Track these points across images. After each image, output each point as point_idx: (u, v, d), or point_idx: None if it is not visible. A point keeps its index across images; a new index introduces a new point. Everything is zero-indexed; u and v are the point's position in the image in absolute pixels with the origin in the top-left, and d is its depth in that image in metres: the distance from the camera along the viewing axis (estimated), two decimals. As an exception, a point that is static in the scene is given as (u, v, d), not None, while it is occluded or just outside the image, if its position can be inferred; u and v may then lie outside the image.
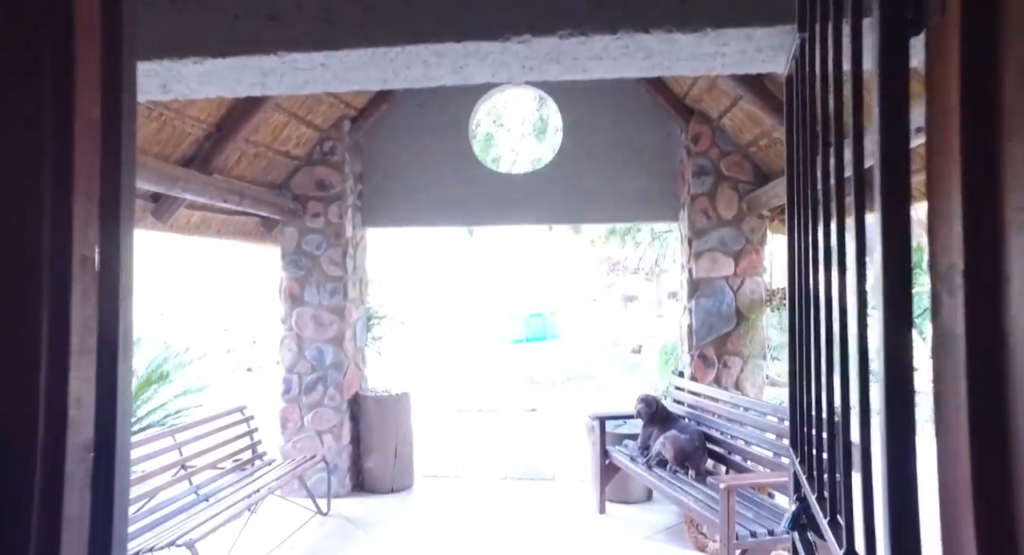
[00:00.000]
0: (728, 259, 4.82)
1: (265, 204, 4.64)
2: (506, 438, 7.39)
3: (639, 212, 5.40)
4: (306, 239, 5.25)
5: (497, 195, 5.49)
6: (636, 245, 16.64)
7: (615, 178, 5.35)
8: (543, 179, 5.49)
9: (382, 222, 5.72)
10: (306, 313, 5.22)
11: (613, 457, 4.67)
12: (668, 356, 8.84)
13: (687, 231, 4.95)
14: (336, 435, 5.15)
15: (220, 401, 9.42)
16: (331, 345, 5.19)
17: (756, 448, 3.87)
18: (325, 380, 5.18)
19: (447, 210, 5.56)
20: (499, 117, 12.32)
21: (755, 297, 4.78)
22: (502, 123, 12.24)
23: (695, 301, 4.86)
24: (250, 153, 4.46)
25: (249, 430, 4.75)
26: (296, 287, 5.25)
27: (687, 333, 4.94)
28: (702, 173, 4.86)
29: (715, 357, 4.81)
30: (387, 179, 5.61)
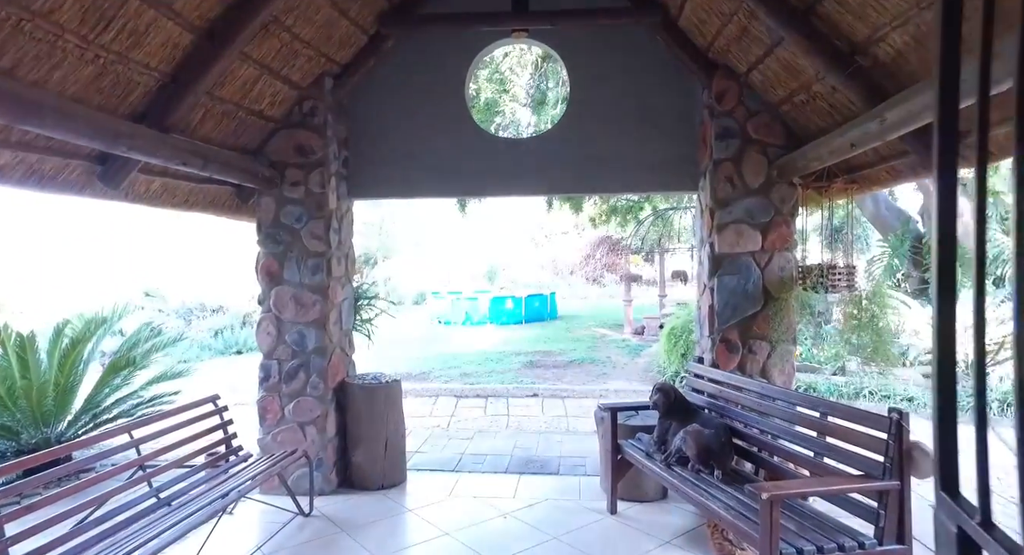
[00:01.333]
0: (755, 232, 4.32)
1: (236, 170, 4.11)
2: (505, 426, 6.96)
3: (655, 181, 4.88)
4: (284, 211, 4.73)
5: (498, 163, 4.97)
6: (639, 224, 16.17)
7: (628, 143, 4.83)
8: (548, 145, 4.96)
9: (370, 192, 5.19)
10: (285, 293, 4.72)
11: (626, 452, 4.22)
12: (676, 339, 8.40)
13: (709, 201, 4.43)
14: (320, 427, 4.69)
15: (203, 387, 8.96)
16: (313, 328, 4.70)
17: (790, 444, 3.41)
18: (307, 367, 4.70)
19: (442, 179, 5.04)
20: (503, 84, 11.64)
21: (785, 275, 4.29)
22: (506, 89, 11.56)
23: (717, 279, 4.37)
24: (217, 111, 3.91)
25: (223, 422, 4.29)
26: (274, 264, 4.74)
27: (708, 315, 4.46)
28: (726, 136, 4.33)
29: (739, 341, 4.34)
30: (375, 145, 5.07)
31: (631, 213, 16.48)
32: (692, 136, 4.73)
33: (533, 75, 12.39)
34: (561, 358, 10.82)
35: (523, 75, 12.51)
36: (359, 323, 5.52)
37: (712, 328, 4.42)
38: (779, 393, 3.64)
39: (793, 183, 4.27)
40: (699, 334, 4.83)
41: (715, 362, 4.40)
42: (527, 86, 12.71)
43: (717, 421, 3.90)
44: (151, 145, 3.16)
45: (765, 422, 3.63)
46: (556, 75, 13.23)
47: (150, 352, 5.75)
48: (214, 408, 4.26)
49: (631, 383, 8.65)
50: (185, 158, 3.46)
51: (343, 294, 5.03)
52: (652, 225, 16.01)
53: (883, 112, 2.62)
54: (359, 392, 4.84)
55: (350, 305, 5.23)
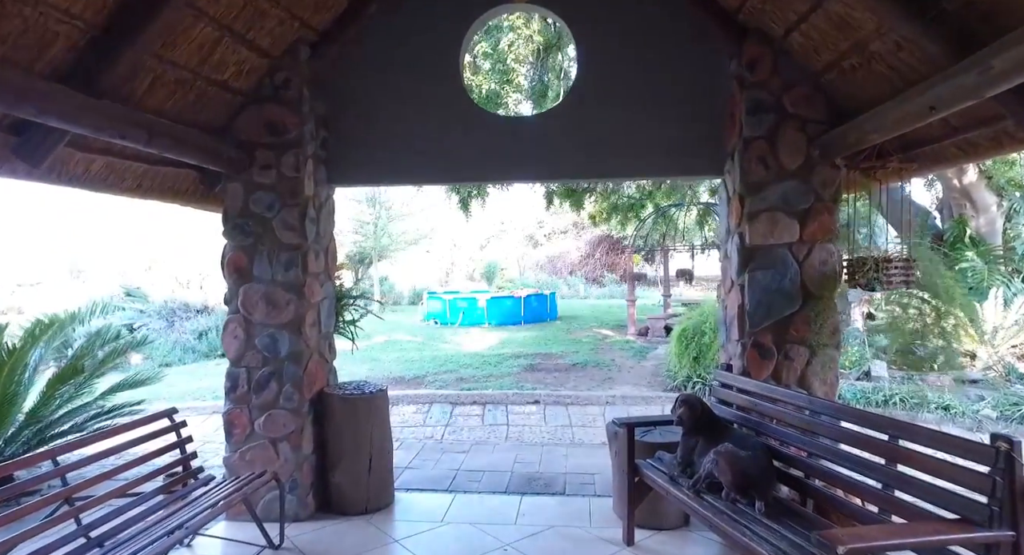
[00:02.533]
0: (792, 221, 3.76)
1: (192, 148, 3.53)
2: (505, 437, 6.39)
3: (673, 164, 4.32)
4: (254, 198, 4.16)
5: (497, 145, 4.40)
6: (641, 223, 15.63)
7: (643, 122, 4.27)
8: (553, 125, 4.40)
9: (353, 178, 4.62)
10: (255, 291, 4.15)
11: (645, 474, 3.65)
12: (688, 341, 7.84)
13: (738, 186, 3.87)
14: (295, 443, 4.11)
15: (181, 393, 8.36)
16: (287, 331, 4.13)
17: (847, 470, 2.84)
18: (280, 375, 4.13)
19: (434, 164, 4.47)
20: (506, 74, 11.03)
21: (827, 269, 3.73)
22: (509, 80, 10.94)
23: (748, 275, 3.81)
24: (169, 78, 3.34)
25: (180, 440, 3.71)
26: (242, 258, 4.17)
27: (737, 316, 3.90)
28: (759, 110, 3.78)
29: (773, 346, 3.78)
30: (359, 125, 4.50)
31: (632, 211, 15.96)
32: (716, 113, 4.16)
33: (534, 64, 11.83)
34: (563, 361, 10.26)
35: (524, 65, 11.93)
36: (342, 325, 4.95)
37: (742, 331, 3.86)
38: (828, 408, 3.08)
39: (836, 164, 3.71)
40: (724, 337, 4.27)
41: (745, 369, 3.84)
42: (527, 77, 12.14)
43: (753, 440, 3.34)
44: (72, 110, 2.59)
45: (812, 442, 3.07)
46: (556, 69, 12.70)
47: (111, 357, 5.16)
48: (170, 424, 3.69)
49: (639, 388, 8.09)
50: (122, 129, 2.89)
51: (322, 293, 4.46)
52: (654, 223, 15.49)
53: (987, 59, 2.06)
54: (340, 404, 4.27)
55: (331, 305, 4.66)
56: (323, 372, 4.46)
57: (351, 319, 5.15)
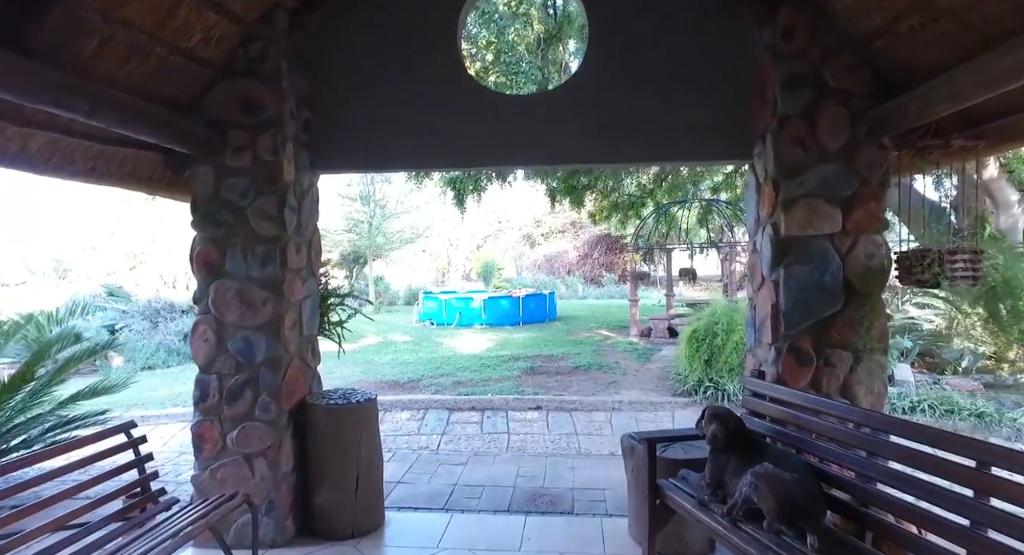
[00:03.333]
0: (833, 209, 3.33)
1: (150, 124, 3.07)
2: (506, 447, 5.94)
3: (696, 148, 3.88)
4: (227, 184, 3.70)
5: (499, 127, 3.97)
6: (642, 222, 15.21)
7: (661, 101, 3.85)
8: (561, 105, 3.96)
9: (339, 164, 4.17)
10: (228, 289, 3.69)
11: (669, 497, 3.21)
12: (699, 343, 7.40)
13: (771, 170, 3.44)
14: (272, 460, 3.66)
15: (154, 400, 7.83)
16: (264, 334, 3.68)
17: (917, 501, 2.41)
18: (256, 383, 3.68)
19: (431, 148, 4.04)
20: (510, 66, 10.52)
21: (874, 264, 3.30)
22: (518, 69, 10.42)
23: (784, 270, 3.37)
24: (120, 41, 2.88)
25: (138, 459, 3.25)
26: (213, 252, 3.72)
27: (770, 316, 3.46)
28: (796, 84, 3.34)
29: (812, 351, 3.34)
30: (346, 104, 4.06)
31: (632, 209, 15.55)
32: (743, 90, 3.74)
33: (534, 54, 11.38)
34: (564, 364, 9.81)
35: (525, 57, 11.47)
36: (327, 327, 4.49)
37: (776, 333, 3.43)
38: (893, 424, 2.63)
39: (884, 145, 3.28)
40: (753, 341, 3.84)
41: (780, 377, 3.40)
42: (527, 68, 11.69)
43: (795, 459, 2.90)
44: (-11, 67, 2.13)
45: (870, 463, 2.63)
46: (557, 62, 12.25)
47: (72, 362, 4.68)
48: (127, 440, 3.23)
49: (646, 393, 7.65)
50: (57, 97, 2.43)
51: (304, 291, 4.01)
52: (655, 222, 15.07)
53: None
54: (323, 415, 3.82)
55: (314, 305, 4.21)
56: (305, 379, 4.01)
57: (338, 320, 4.70)
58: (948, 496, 2.25)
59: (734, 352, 7.01)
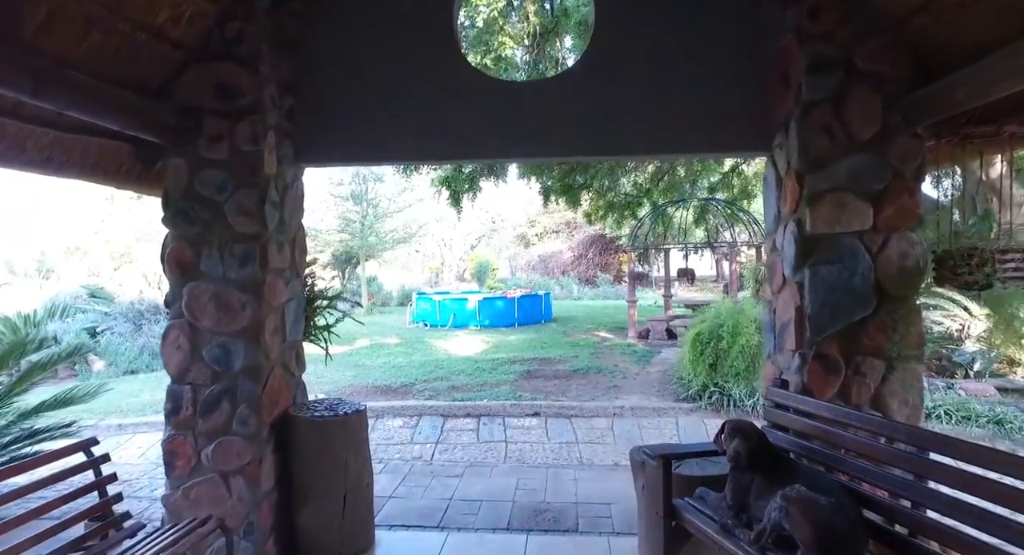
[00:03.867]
0: (863, 204, 3.06)
1: (108, 107, 2.76)
2: (504, 457, 5.65)
3: (710, 139, 3.61)
4: (202, 176, 3.39)
5: (498, 116, 3.69)
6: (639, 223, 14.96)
7: (672, 89, 3.58)
8: (565, 93, 3.68)
9: (326, 155, 3.86)
10: (203, 291, 3.38)
11: (687, 520, 2.93)
12: (703, 346, 7.14)
13: (795, 161, 3.17)
14: (251, 478, 3.35)
15: (134, 407, 7.43)
16: (242, 340, 3.37)
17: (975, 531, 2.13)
18: (234, 394, 3.36)
19: (425, 139, 3.75)
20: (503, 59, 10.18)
21: (908, 263, 3.03)
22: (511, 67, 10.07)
23: (810, 271, 3.10)
24: (73, 15, 2.56)
25: (99, 481, 2.94)
26: (187, 251, 3.40)
27: (794, 320, 3.19)
28: (823, 68, 3.07)
29: (841, 358, 3.07)
30: (332, 92, 3.76)
31: (628, 209, 15.30)
32: (762, 76, 3.47)
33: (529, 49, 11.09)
34: (562, 367, 9.53)
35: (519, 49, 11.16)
36: (313, 332, 4.19)
37: (800, 339, 3.15)
38: (947, 445, 2.36)
39: (919, 134, 3.01)
40: (772, 347, 3.56)
41: (805, 386, 3.13)
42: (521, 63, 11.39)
43: (829, 480, 2.62)
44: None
45: (920, 488, 2.35)
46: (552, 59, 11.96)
47: (36, 370, 4.34)
48: (87, 459, 2.91)
49: (648, 398, 7.38)
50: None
51: (287, 293, 3.70)
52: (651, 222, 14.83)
53: None
54: (308, 428, 3.51)
55: (299, 307, 3.90)
56: (288, 389, 3.70)
57: (325, 324, 4.39)
58: (1012, 526, 1.98)
59: (740, 356, 6.76)
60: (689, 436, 6.16)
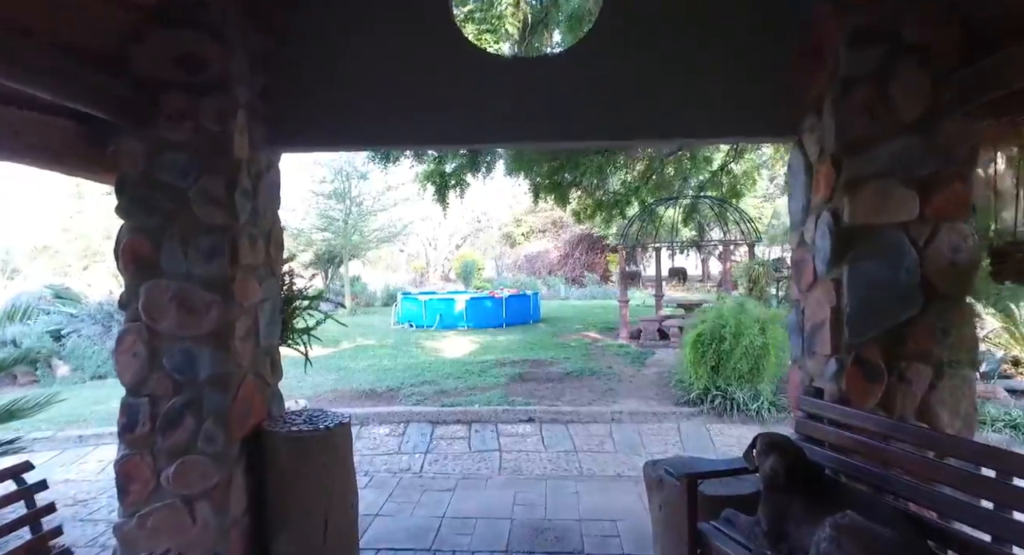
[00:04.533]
0: (909, 192, 2.74)
1: (39, 73, 2.33)
2: (498, 468, 5.28)
3: (728, 123, 3.28)
4: (162, 160, 2.98)
5: (496, 96, 3.33)
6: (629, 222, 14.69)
7: (684, 67, 3.24)
8: (571, 72, 3.33)
9: (304, 140, 3.46)
10: (163, 290, 2.97)
11: (715, 547, 2.59)
12: (705, 348, 6.83)
13: (831, 145, 2.84)
14: (218, 502, 2.94)
15: (99, 416, 6.86)
16: (208, 345, 2.96)
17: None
18: (198, 406, 2.96)
19: (415, 122, 3.37)
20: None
21: (960, 258, 2.72)
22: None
23: (848, 266, 2.78)
24: (2, -38, 2.15)
25: (32, 512, 2.51)
26: (144, 245, 2.99)
27: (830, 322, 2.86)
28: (865, 41, 2.75)
29: (883, 363, 2.75)
30: (311, 68, 3.37)
31: (617, 207, 15.04)
32: (788, 53, 3.15)
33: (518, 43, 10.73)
34: (554, 369, 9.18)
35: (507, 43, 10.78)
36: (291, 335, 3.79)
37: (837, 343, 2.83)
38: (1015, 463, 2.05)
39: (973, 113, 2.70)
40: (799, 351, 3.24)
41: (842, 395, 2.80)
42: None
43: (884, 505, 2.30)
44: None
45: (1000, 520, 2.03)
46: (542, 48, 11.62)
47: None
48: (18, 490, 2.48)
49: (647, 402, 7.06)
50: None
51: (261, 292, 3.30)
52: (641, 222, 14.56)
53: None
54: (284, 444, 3.11)
55: (274, 309, 3.50)
56: (262, 400, 3.30)
57: (304, 327, 3.99)
58: None
59: (744, 358, 6.47)
60: (692, 443, 5.85)
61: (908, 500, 2.37)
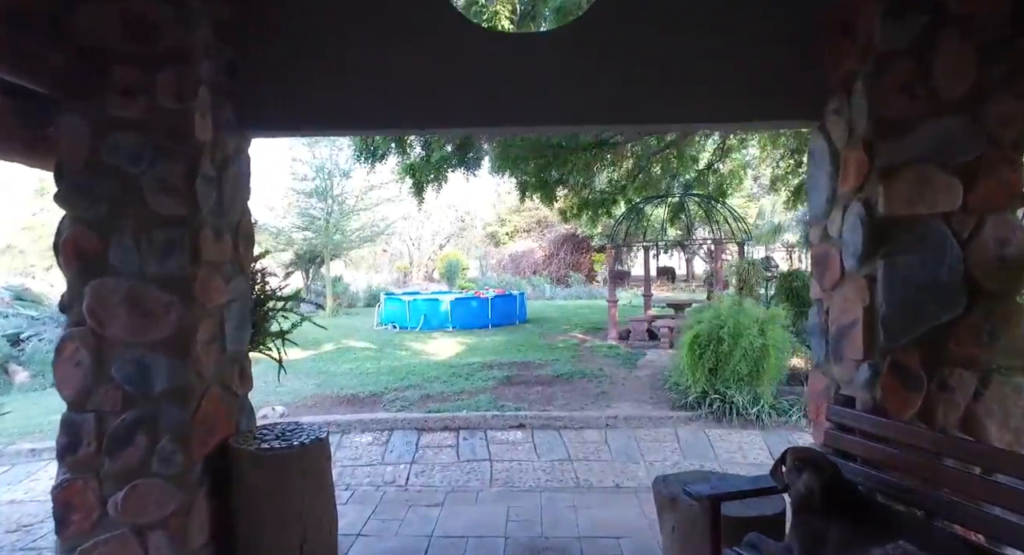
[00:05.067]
0: (951, 179, 2.48)
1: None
2: (489, 479, 4.95)
3: (746, 106, 3.00)
4: (110, 141, 2.61)
5: (495, 78, 3.00)
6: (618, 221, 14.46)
7: (699, 45, 2.95)
8: (573, 49, 3.02)
9: (278, 123, 3.11)
10: (112, 290, 2.60)
11: (745, 579, 2.30)
12: (702, 349, 6.57)
13: (863, 127, 2.57)
14: (175, 532, 2.58)
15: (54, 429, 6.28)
16: (165, 353, 2.60)
17: None
18: (153, 423, 2.59)
19: (400, 103, 3.04)
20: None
21: (1009, 252, 2.46)
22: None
23: (884, 262, 2.51)
24: None
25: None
26: (90, 238, 2.62)
27: (862, 323, 2.59)
28: (905, 10, 2.48)
29: (922, 370, 2.48)
30: (285, 43, 3.02)
31: (603, 207, 14.81)
32: (811, 29, 2.88)
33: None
34: (543, 372, 8.87)
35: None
36: (263, 340, 3.43)
37: (871, 347, 2.56)
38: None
39: (1021, 92, 2.45)
40: (822, 355, 2.97)
41: (877, 404, 2.53)
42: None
43: (943, 535, 2.02)
44: None
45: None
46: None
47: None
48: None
49: (641, 406, 6.79)
50: None
51: (227, 292, 2.94)
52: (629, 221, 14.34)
53: None
54: (254, 464, 2.76)
55: (243, 310, 3.14)
56: (228, 414, 2.94)
57: (279, 331, 3.64)
58: None
59: (743, 360, 6.22)
60: (692, 449, 5.58)
61: (954, 522, 2.11)
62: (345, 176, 20.58)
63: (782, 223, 22.74)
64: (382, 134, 6.78)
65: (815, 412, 3.06)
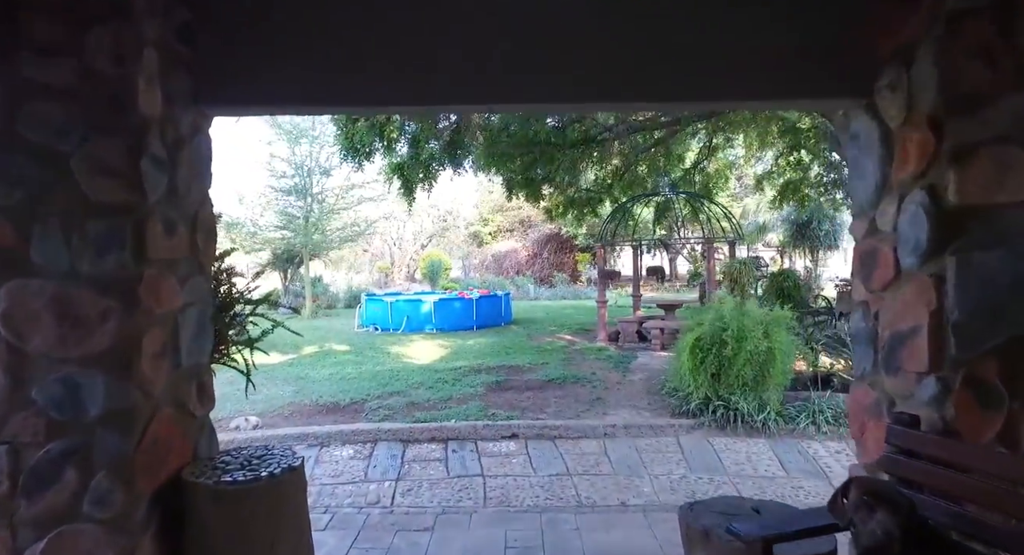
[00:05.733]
0: (1035, 163, 2.13)
1: None
2: (483, 498, 4.53)
3: (782, 83, 2.63)
4: (28, 112, 2.14)
5: (495, 47, 2.59)
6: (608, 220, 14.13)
7: (727, 13, 2.57)
8: (587, 20, 2.62)
9: (243, 98, 2.66)
10: (34, 294, 2.13)
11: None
12: (705, 353, 6.21)
13: (929, 102, 2.21)
14: (115, 588, 2.12)
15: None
16: (102, 369, 2.14)
17: None
18: (86, 455, 2.13)
19: (388, 76, 2.61)
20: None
21: (1104, 247, 2.11)
22: None
23: (957, 259, 2.15)
24: None
25: None
26: (4, 230, 2.14)
27: (928, 330, 2.22)
28: (979, -36, 2.13)
29: (1002, 385, 2.13)
30: (254, 3, 2.57)
31: (588, 206, 14.50)
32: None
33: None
34: (533, 376, 8.47)
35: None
36: (228, 351, 2.97)
37: (939, 358, 2.19)
38: None
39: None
40: (870, 365, 2.61)
41: (948, 425, 2.17)
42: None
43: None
44: None
45: None
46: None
47: None
48: None
49: (640, 413, 6.43)
50: None
51: (183, 295, 2.48)
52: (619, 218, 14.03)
53: None
54: (212, 502, 2.31)
55: (203, 316, 2.68)
56: (184, 439, 2.48)
57: (247, 339, 3.18)
58: None
59: (747, 365, 5.88)
60: (697, 460, 5.22)
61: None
62: (325, 174, 19.97)
63: (767, 222, 22.68)
64: (372, 112, 6.30)
65: (858, 431, 2.70)
